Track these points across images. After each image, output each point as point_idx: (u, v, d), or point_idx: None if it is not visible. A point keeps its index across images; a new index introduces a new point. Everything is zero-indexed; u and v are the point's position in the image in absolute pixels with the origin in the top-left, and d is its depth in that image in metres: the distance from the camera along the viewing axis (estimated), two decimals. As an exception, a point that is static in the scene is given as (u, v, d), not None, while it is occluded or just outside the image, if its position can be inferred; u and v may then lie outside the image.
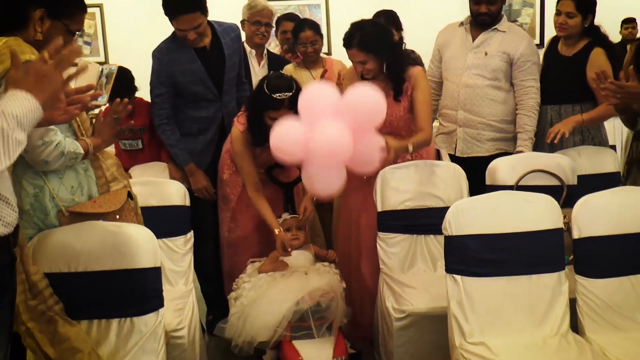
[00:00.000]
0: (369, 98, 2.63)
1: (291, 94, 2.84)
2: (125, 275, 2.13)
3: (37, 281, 1.97)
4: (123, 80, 3.08)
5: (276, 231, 3.00)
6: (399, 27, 3.70)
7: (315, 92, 2.71)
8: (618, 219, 2.40)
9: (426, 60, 3.76)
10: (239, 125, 3.06)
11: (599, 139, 3.61)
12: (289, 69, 3.81)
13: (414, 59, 3.35)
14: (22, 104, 1.44)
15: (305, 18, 4.17)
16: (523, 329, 2.30)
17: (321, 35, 3.93)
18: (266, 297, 2.67)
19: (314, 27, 3.89)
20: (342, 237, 3.32)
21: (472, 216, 2.36)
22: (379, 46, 2.94)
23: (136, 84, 3.49)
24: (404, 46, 3.28)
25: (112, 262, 2.13)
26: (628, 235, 2.38)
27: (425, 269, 3.01)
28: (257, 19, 3.80)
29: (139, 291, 2.15)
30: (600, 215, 2.40)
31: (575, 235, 2.39)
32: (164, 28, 3.33)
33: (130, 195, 2.42)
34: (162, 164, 3.56)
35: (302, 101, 2.66)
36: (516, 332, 2.29)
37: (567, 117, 3.44)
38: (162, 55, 3.31)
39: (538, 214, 2.40)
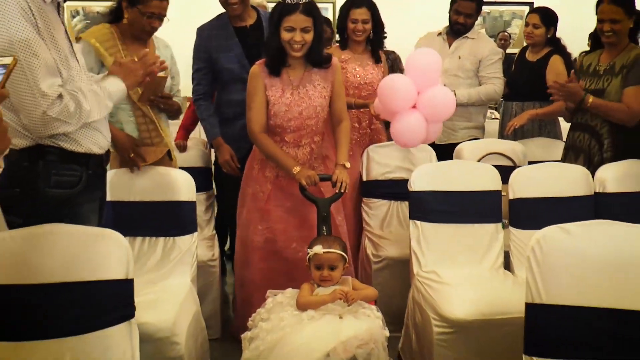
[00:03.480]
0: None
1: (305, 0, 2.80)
2: (169, 205, 2.87)
3: None
4: None
5: (295, 170, 2.85)
6: None
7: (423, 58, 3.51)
8: (544, 185, 3.11)
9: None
10: (257, 64, 2.97)
11: (553, 133, 4.35)
12: None
13: (394, 59, 4.03)
14: (115, 85, 2.25)
15: None
16: (466, 264, 3.00)
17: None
18: (288, 344, 2.18)
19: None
20: None
21: (431, 177, 3.10)
22: (378, 13, 3.70)
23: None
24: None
25: (161, 195, 2.87)
26: (550, 198, 3.10)
27: (399, 227, 3.68)
28: None
29: (179, 217, 2.87)
30: (530, 182, 3.11)
31: (511, 196, 3.11)
32: (194, 26, 3.57)
33: (170, 156, 3.14)
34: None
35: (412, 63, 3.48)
36: (460, 265, 2.98)
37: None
38: (203, 30, 3.47)
39: (481, 178, 3.13)
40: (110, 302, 1.95)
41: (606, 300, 1.89)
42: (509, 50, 7.06)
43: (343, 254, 2.47)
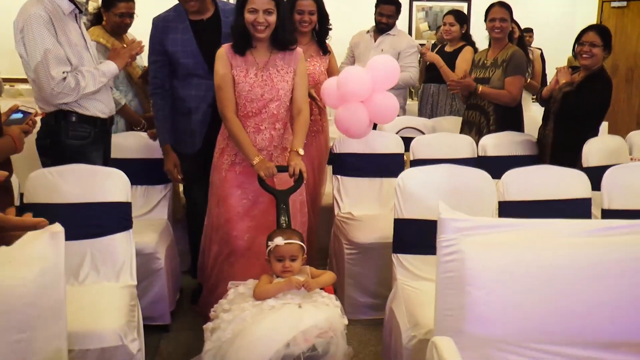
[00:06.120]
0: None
1: None
2: (149, 161, 3.80)
3: None
4: None
5: (254, 161, 2.90)
6: None
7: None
8: (437, 150, 4.07)
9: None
10: (223, 46, 3.04)
11: (462, 112, 5.36)
12: None
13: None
14: (108, 66, 3.21)
15: None
16: (373, 207, 3.96)
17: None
18: (249, 335, 2.20)
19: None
20: None
21: (349, 143, 4.04)
22: (323, 5, 3.82)
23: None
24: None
25: (143, 154, 3.84)
26: (442, 159, 4.02)
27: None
28: None
29: (158, 170, 3.72)
30: (427, 147, 4.09)
31: (411, 158, 4.09)
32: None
33: None
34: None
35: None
36: (369, 209, 3.94)
37: (443, 93, 5.26)
38: (159, 22, 3.35)
39: (387, 144, 4.11)
40: (115, 216, 2.89)
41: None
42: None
43: (302, 244, 2.54)
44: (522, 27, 7.66)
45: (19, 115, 2.42)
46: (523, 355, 2.15)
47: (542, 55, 6.95)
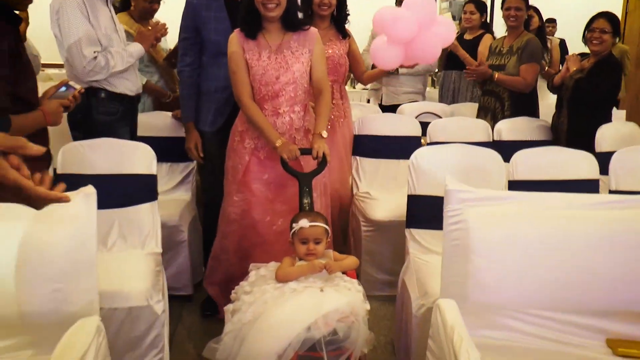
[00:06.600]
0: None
1: None
2: (174, 139, 3.93)
3: None
4: None
5: (277, 143, 2.84)
6: None
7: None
8: (454, 134, 4.19)
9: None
10: (235, 30, 3.00)
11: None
12: None
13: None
14: (135, 47, 3.39)
15: None
16: (390, 187, 4.09)
17: None
18: (270, 317, 2.18)
19: None
20: None
21: (368, 125, 4.18)
22: None
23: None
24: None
25: (169, 132, 3.99)
26: (458, 142, 4.15)
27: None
28: None
29: (181, 148, 3.90)
30: (443, 131, 4.21)
31: (428, 141, 4.21)
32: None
33: None
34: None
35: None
36: (386, 189, 4.07)
37: (464, 80, 5.32)
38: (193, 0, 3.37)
39: (404, 126, 4.23)
40: (141, 187, 3.05)
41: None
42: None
43: (327, 227, 2.52)
44: (546, 17, 7.73)
45: (64, 90, 2.60)
46: (523, 320, 2.29)
47: (564, 45, 7.01)
